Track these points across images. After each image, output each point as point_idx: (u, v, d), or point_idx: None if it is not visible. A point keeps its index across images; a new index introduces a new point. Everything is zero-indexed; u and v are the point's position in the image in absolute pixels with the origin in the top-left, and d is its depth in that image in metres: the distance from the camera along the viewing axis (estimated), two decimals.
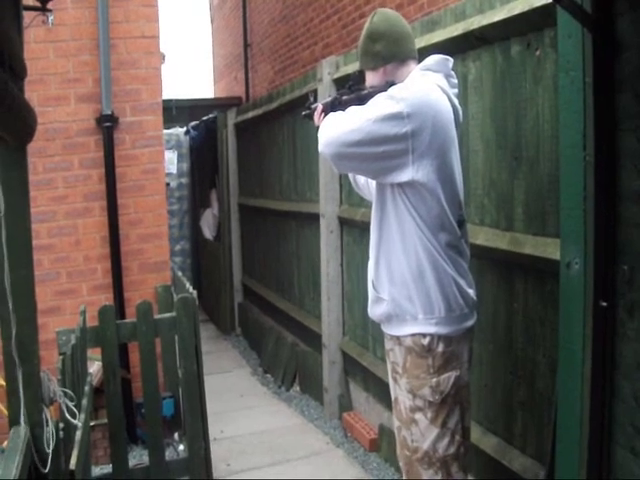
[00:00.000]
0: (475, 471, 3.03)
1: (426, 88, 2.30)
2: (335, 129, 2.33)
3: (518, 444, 2.89)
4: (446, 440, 2.36)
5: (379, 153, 2.25)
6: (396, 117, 2.21)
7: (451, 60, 2.49)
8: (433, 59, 2.45)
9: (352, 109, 2.38)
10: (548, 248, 2.56)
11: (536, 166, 2.67)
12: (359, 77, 2.61)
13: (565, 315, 2.26)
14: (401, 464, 2.53)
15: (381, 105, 2.25)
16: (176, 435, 4.54)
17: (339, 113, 2.44)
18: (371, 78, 2.54)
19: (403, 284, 2.38)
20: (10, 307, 2.05)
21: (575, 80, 2.12)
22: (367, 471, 4.08)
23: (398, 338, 2.44)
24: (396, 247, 2.39)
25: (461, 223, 2.44)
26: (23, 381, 2.15)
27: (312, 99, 2.78)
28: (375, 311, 2.53)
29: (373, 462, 4.19)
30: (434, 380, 2.34)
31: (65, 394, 2.46)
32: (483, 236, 2.97)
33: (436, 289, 2.34)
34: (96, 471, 4.03)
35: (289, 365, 5.91)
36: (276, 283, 6.59)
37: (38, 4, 2.87)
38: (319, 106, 2.62)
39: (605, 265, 2.09)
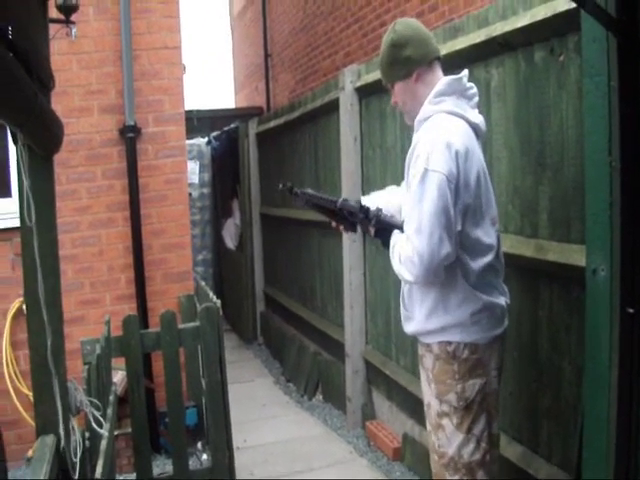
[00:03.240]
0: None
1: (445, 138, 2.29)
2: (413, 256, 2.27)
3: (544, 453, 2.86)
4: (471, 446, 2.38)
5: (451, 217, 2.27)
6: (442, 187, 2.24)
7: (463, 75, 2.48)
8: (444, 82, 2.44)
9: (407, 220, 2.34)
10: (574, 255, 2.53)
11: (560, 172, 2.66)
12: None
13: (591, 322, 2.23)
14: (432, 469, 2.55)
15: (427, 189, 2.25)
16: (199, 444, 4.54)
17: (402, 237, 2.37)
18: (402, 90, 2.53)
19: (435, 307, 2.42)
20: (45, 317, 2.07)
21: (600, 85, 2.11)
22: None
23: (428, 345, 2.49)
24: None
25: (498, 239, 2.48)
26: (52, 391, 2.17)
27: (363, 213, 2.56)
28: (407, 327, 2.60)
29: (397, 471, 4.17)
30: (459, 386, 2.37)
31: (91, 403, 2.47)
32: (508, 243, 2.94)
33: (466, 302, 2.37)
34: None
35: (311, 374, 5.90)
36: (298, 292, 6.59)
37: (62, 17, 2.91)
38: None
39: (632, 271, 2.07)
